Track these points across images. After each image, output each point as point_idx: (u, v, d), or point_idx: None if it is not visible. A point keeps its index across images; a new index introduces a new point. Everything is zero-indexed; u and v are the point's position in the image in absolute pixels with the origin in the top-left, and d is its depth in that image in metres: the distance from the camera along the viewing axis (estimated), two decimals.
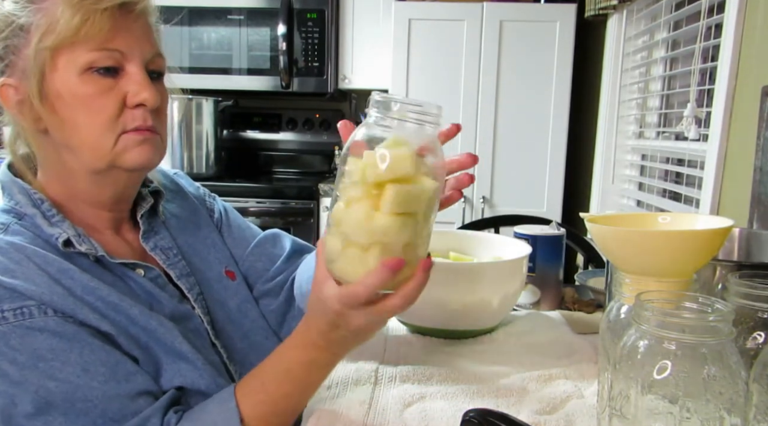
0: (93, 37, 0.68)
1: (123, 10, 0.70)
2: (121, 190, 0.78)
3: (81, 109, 0.69)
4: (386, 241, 0.56)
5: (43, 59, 0.67)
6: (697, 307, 0.53)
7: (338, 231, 0.57)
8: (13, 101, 0.70)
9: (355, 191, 0.56)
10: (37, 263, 0.66)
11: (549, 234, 1.11)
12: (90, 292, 0.68)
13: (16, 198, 0.73)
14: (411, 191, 0.56)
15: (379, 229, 0.55)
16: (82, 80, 0.69)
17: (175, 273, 0.81)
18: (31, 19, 0.68)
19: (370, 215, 0.55)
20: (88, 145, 0.71)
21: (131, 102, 0.71)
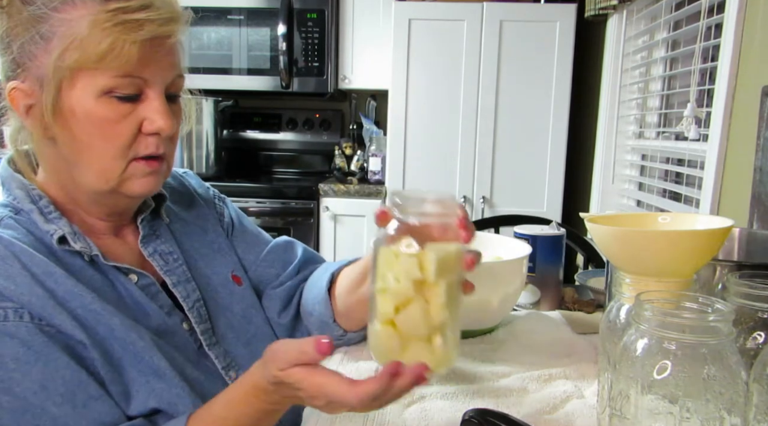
0: (118, 65, 0.65)
1: (154, 42, 0.67)
2: (120, 209, 0.77)
3: (95, 131, 0.68)
4: (443, 327, 0.60)
5: (61, 75, 0.65)
6: (697, 307, 0.53)
7: (393, 330, 0.61)
8: (23, 105, 0.68)
9: (407, 290, 0.59)
10: (22, 262, 0.65)
11: (549, 234, 1.11)
12: (72, 298, 0.66)
13: (14, 193, 0.72)
14: (456, 279, 0.61)
15: (438, 322, 0.60)
16: (100, 103, 0.67)
17: (172, 280, 0.79)
18: (53, 28, 0.65)
19: (426, 311, 0.59)
20: (97, 168, 0.69)
21: (147, 130, 0.70)
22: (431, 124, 2.43)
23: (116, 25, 0.64)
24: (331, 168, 2.94)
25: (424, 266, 0.60)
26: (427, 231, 0.61)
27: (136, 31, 0.65)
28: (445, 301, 0.60)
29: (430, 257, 0.59)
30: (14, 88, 0.68)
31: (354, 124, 2.98)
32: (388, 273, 0.61)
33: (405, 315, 0.60)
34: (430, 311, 0.60)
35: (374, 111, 2.92)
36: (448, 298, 0.61)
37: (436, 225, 0.61)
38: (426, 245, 0.60)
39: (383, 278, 0.62)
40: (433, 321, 0.60)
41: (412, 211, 0.61)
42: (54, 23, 0.65)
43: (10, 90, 0.68)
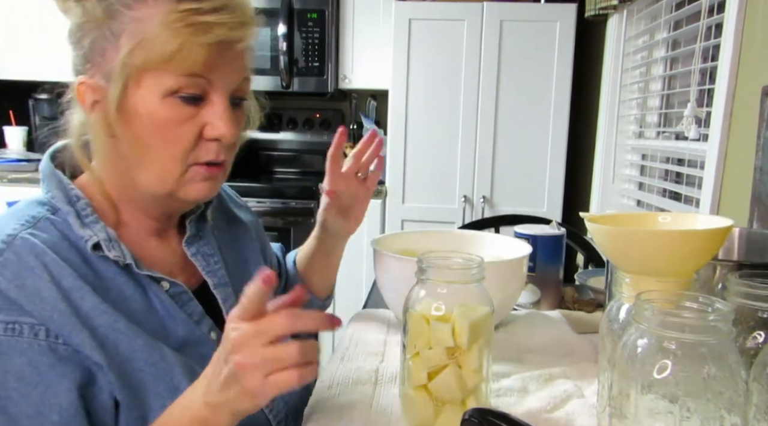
0: (185, 66, 0.65)
1: (222, 45, 0.66)
2: (173, 212, 0.77)
3: (157, 133, 0.67)
4: (477, 390, 0.63)
5: (128, 73, 0.65)
6: (697, 307, 0.53)
7: (427, 395, 0.63)
8: (89, 101, 0.68)
9: (441, 357, 0.61)
10: (51, 273, 0.64)
11: (549, 234, 1.11)
12: (96, 316, 0.65)
13: (53, 191, 0.71)
14: (487, 340, 0.63)
15: (472, 386, 0.62)
16: (164, 104, 0.66)
17: (213, 281, 0.78)
18: (124, 26, 0.64)
19: (460, 376, 0.61)
20: (156, 170, 0.69)
21: (208, 135, 0.69)
22: (431, 124, 2.43)
23: (186, 26, 0.64)
24: None
25: (456, 333, 0.61)
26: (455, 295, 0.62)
27: (204, 34, 0.64)
28: (478, 364, 0.61)
29: (463, 325, 0.60)
30: (82, 82, 0.67)
31: (354, 124, 2.98)
32: (420, 339, 0.62)
33: (439, 381, 0.62)
34: (463, 376, 0.61)
35: (374, 111, 2.92)
36: (481, 360, 0.61)
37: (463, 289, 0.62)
38: (456, 309, 0.61)
39: (415, 344, 0.63)
40: (466, 385, 0.62)
41: (440, 277, 0.62)
42: (125, 20, 0.64)
43: (78, 84, 0.68)
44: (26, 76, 2.85)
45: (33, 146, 3.04)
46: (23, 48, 2.82)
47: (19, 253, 0.64)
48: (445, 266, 0.62)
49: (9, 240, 0.64)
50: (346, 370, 0.82)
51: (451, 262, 0.63)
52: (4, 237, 0.65)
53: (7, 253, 0.63)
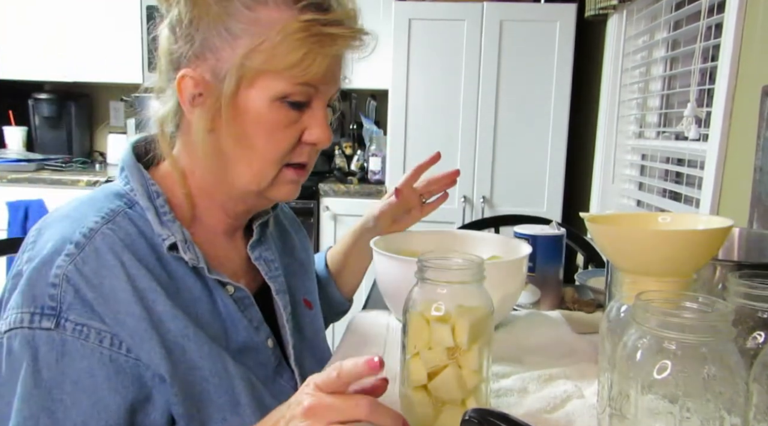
0: (304, 75, 0.66)
1: (339, 56, 0.69)
2: (251, 210, 0.78)
3: (262, 133, 0.68)
4: (477, 390, 0.63)
5: (243, 73, 0.65)
6: (697, 307, 0.53)
7: (426, 395, 0.62)
8: (189, 94, 0.68)
9: (441, 357, 0.61)
10: (128, 273, 0.63)
11: (549, 234, 1.11)
12: (168, 320, 0.64)
13: (134, 185, 0.70)
14: (487, 340, 0.63)
15: (472, 387, 0.62)
16: (272, 107, 0.67)
17: (275, 287, 0.79)
18: (243, 26, 0.65)
19: (460, 377, 0.61)
20: (254, 169, 0.70)
21: (308, 139, 0.71)
22: (431, 123, 2.43)
23: (311, 36, 0.65)
24: (331, 168, 2.94)
25: (456, 333, 0.61)
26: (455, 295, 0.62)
27: (330, 46, 0.66)
28: (478, 365, 0.61)
29: (463, 325, 0.60)
30: (186, 75, 0.67)
31: (354, 124, 2.98)
32: (420, 340, 0.62)
33: (438, 381, 0.62)
34: (463, 376, 0.61)
35: (374, 111, 2.92)
36: (481, 360, 0.61)
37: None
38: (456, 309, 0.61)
39: (415, 344, 0.63)
40: (466, 386, 0.62)
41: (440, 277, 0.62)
42: (244, 20, 0.65)
43: (181, 77, 0.67)
44: (26, 76, 2.85)
45: (32, 146, 3.04)
46: (23, 48, 2.82)
47: (99, 249, 0.63)
48: (445, 266, 0.62)
49: (90, 234, 0.64)
50: None
51: (451, 262, 0.63)
52: (86, 231, 0.64)
53: (88, 249, 0.63)
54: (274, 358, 0.76)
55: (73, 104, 3.04)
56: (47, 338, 0.60)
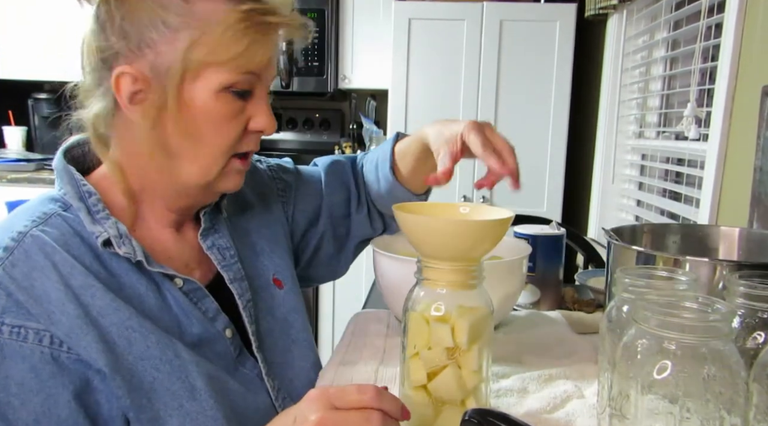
0: (248, 65, 0.66)
1: (278, 43, 0.69)
2: (198, 203, 0.77)
3: (209, 126, 0.67)
4: (476, 390, 0.63)
5: (186, 67, 0.65)
6: (697, 307, 0.53)
7: (426, 396, 0.62)
8: (128, 91, 0.66)
9: (440, 358, 0.61)
10: (61, 273, 0.63)
11: (549, 234, 1.11)
12: (108, 313, 0.64)
13: (65, 187, 0.70)
14: (487, 340, 0.63)
15: (472, 387, 0.62)
16: (217, 98, 0.67)
17: (229, 276, 0.77)
18: (181, 18, 0.64)
19: (460, 377, 0.61)
20: (202, 162, 0.69)
21: (254, 127, 0.71)
22: None
23: (251, 26, 0.65)
24: None
25: (456, 334, 0.61)
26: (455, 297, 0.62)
27: (272, 34, 0.67)
28: (478, 365, 0.61)
29: (462, 325, 0.60)
30: (123, 72, 0.65)
31: (354, 124, 2.98)
32: (420, 340, 0.62)
33: (438, 381, 0.62)
34: (463, 376, 0.61)
35: (374, 111, 2.92)
36: (480, 360, 0.61)
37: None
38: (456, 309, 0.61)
39: (415, 344, 0.62)
40: (466, 386, 0.62)
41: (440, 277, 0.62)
42: (181, 13, 0.64)
43: (118, 75, 0.65)
44: (25, 76, 2.85)
45: (32, 146, 3.04)
46: (23, 48, 2.82)
47: (28, 251, 0.63)
48: (445, 266, 0.62)
49: (19, 238, 0.64)
50: (345, 371, 0.82)
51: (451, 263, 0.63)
52: (14, 234, 0.64)
53: (17, 252, 0.63)
54: (234, 348, 0.75)
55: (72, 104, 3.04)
56: None
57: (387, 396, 0.57)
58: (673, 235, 0.92)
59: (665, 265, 0.71)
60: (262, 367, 0.77)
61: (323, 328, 2.57)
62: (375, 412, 0.55)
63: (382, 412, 0.56)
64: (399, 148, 0.93)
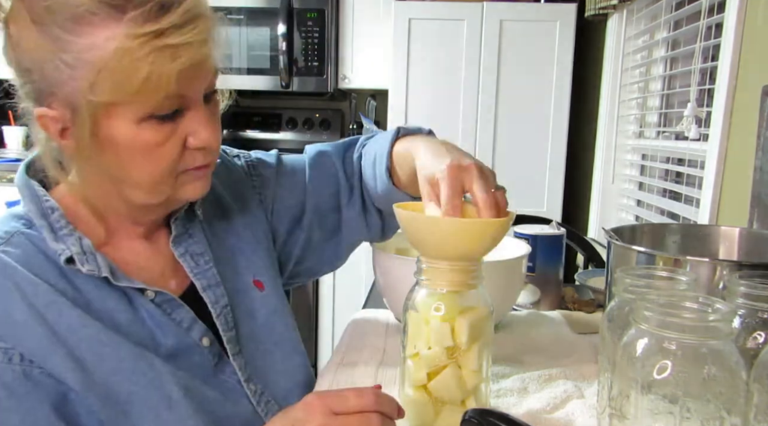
0: (156, 94, 0.60)
1: (193, 65, 0.61)
2: (164, 215, 0.74)
3: (139, 156, 0.63)
4: (477, 390, 0.63)
5: (94, 107, 0.60)
6: (697, 307, 0.53)
7: (426, 395, 0.63)
8: (55, 129, 0.63)
9: (440, 357, 0.61)
10: (24, 292, 0.61)
11: (549, 234, 1.11)
12: (76, 330, 0.62)
13: (28, 205, 0.68)
14: (487, 340, 0.63)
15: (472, 387, 0.62)
16: (141, 128, 0.62)
17: (202, 283, 0.74)
18: (77, 55, 0.58)
19: (460, 377, 0.61)
20: (146, 187, 0.66)
21: (192, 145, 0.65)
22: (431, 123, 2.40)
23: (149, 53, 0.57)
24: None
25: (456, 333, 0.61)
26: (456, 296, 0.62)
27: (174, 60, 0.58)
28: (478, 365, 0.61)
29: (462, 324, 0.60)
30: (43, 115, 0.62)
31: (354, 124, 2.98)
32: (420, 339, 0.62)
33: (438, 381, 0.62)
34: (463, 376, 0.61)
35: (374, 111, 2.92)
36: (480, 360, 0.61)
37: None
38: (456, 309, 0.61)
39: (415, 344, 0.62)
40: (466, 386, 0.62)
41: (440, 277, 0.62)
42: (73, 48, 0.58)
43: (38, 116, 0.63)
44: None
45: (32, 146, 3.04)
46: None
47: None
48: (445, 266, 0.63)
49: None
50: (345, 371, 0.82)
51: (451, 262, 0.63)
52: None
53: None
54: (212, 356, 0.73)
55: None
56: None
57: (384, 397, 0.57)
58: (673, 235, 0.92)
59: (665, 265, 0.71)
60: (240, 373, 0.74)
61: (323, 328, 2.57)
62: (374, 415, 0.56)
63: (380, 414, 0.56)
64: (398, 151, 0.84)
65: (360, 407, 0.56)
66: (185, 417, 0.66)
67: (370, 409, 0.56)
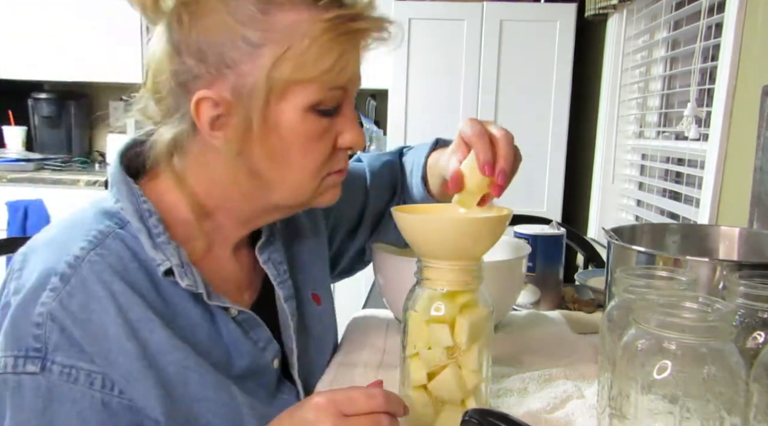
0: (340, 78, 0.61)
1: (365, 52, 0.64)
2: (280, 218, 0.73)
3: (297, 147, 0.62)
4: (477, 390, 0.63)
5: (271, 86, 0.59)
6: (697, 307, 0.53)
7: (426, 396, 0.63)
8: (209, 116, 0.60)
9: (440, 357, 0.61)
10: (119, 305, 0.58)
11: (549, 234, 1.11)
12: (167, 352, 0.60)
13: (123, 203, 0.63)
14: (487, 340, 0.63)
15: (472, 387, 0.62)
16: (305, 118, 0.61)
17: (284, 293, 0.73)
18: (260, 33, 0.58)
19: (460, 377, 0.61)
20: (294, 184, 0.65)
21: (343, 144, 0.66)
22: (431, 123, 2.42)
23: (340, 35, 0.59)
24: None
25: (456, 333, 0.61)
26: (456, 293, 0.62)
27: (360, 43, 0.62)
28: (478, 365, 0.61)
29: (462, 324, 0.60)
30: (204, 97, 0.60)
31: None
32: (420, 339, 0.62)
33: (438, 381, 0.62)
34: (463, 376, 0.61)
35: (374, 111, 2.92)
36: (480, 360, 0.61)
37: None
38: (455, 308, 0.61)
39: (415, 344, 0.62)
40: (466, 386, 0.62)
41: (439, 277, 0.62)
42: (262, 27, 0.58)
43: (198, 100, 0.60)
44: (25, 75, 2.85)
45: (32, 146, 3.04)
46: (22, 48, 2.81)
47: (86, 280, 0.58)
48: (445, 266, 0.62)
49: (76, 263, 0.58)
50: (346, 372, 0.82)
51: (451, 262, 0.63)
52: (71, 259, 0.59)
53: (74, 281, 0.58)
54: (276, 375, 0.72)
55: (72, 104, 3.03)
56: (32, 383, 0.56)
57: (392, 397, 0.57)
58: (673, 235, 0.92)
59: (665, 265, 0.71)
60: (301, 390, 0.73)
61: None
62: (384, 416, 0.56)
63: (389, 415, 0.56)
64: (430, 161, 0.86)
65: (369, 408, 0.55)
66: None
67: (379, 410, 0.55)
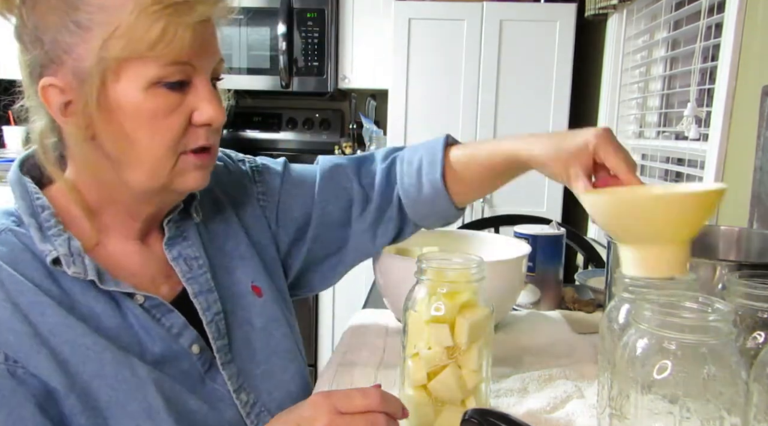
0: (170, 52, 0.61)
1: (203, 24, 0.63)
2: (164, 207, 0.73)
3: (144, 125, 0.63)
4: (477, 390, 0.63)
5: (105, 67, 0.60)
6: (697, 307, 0.53)
7: (426, 395, 0.63)
8: (58, 103, 0.62)
9: (440, 357, 0.61)
10: (8, 290, 0.61)
11: (549, 234, 1.11)
12: (60, 332, 0.61)
13: (19, 202, 0.67)
14: (487, 340, 0.63)
15: (472, 386, 0.62)
16: (148, 95, 0.62)
17: (194, 289, 0.73)
18: (91, 15, 0.59)
19: (460, 377, 0.62)
20: (147, 164, 0.65)
21: (198, 121, 0.65)
22: (431, 123, 2.42)
23: (166, 7, 0.59)
24: None
25: (456, 333, 0.61)
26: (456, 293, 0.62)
27: (188, 14, 0.60)
28: (478, 365, 0.61)
29: (463, 324, 0.60)
30: (49, 85, 0.62)
31: (354, 124, 2.98)
32: (420, 339, 0.62)
33: (438, 381, 0.62)
34: (463, 376, 0.61)
35: (374, 110, 2.92)
36: (480, 360, 0.61)
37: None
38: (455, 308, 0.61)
39: (415, 344, 0.62)
40: (466, 385, 0.62)
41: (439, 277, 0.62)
42: (91, 10, 0.59)
43: (43, 87, 0.62)
44: None
45: None
46: None
47: None
48: (445, 266, 0.62)
49: None
50: (345, 371, 0.82)
51: (451, 262, 0.63)
52: None
53: None
54: (202, 363, 0.71)
55: None
56: None
57: (389, 397, 0.57)
58: None
59: None
60: (230, 383, 0.72)
61: (323, 328, 2.57)
62: (380, 415, 0.56)
63: (385, 415, 0.56)
64: (458, 156, 0.86)
65: (366, 407, 0.56)
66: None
67: (376, 409, 0.56)
